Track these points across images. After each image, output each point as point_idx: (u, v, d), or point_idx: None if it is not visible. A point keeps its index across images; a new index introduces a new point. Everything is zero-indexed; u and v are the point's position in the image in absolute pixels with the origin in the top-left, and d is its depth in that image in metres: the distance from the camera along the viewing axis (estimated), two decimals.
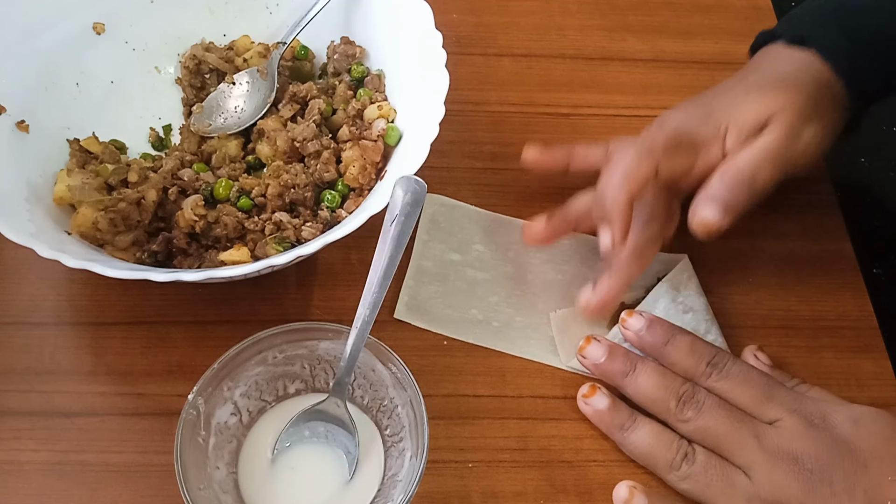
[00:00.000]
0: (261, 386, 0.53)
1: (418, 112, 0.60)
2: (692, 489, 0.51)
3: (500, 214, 0.65)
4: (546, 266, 0.63)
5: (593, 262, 0.62)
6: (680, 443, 0.52)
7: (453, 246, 0.63)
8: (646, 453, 0.53)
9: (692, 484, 0.51)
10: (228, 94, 0.66)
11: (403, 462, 0.51)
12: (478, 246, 0.63)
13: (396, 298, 0.60)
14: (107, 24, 0.65)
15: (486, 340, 0.59)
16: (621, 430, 0.54)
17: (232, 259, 0.57)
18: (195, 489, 0.48)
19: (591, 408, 0.55)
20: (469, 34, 0.75)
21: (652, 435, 0.53)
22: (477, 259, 0.62)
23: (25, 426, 0.55)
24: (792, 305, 0.63)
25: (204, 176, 0.61)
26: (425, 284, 0.61)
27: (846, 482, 0.49)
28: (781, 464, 0.50)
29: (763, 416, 0.52)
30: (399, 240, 0.50)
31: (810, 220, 0.66)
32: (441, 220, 0.63)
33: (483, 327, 0.60)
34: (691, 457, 0.52)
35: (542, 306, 0.61)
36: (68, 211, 0.59)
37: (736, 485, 0.50)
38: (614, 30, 0.77)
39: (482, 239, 0.63)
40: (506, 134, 0.69)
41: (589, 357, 0.56)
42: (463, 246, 0.63)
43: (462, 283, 0.61)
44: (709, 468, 0.51)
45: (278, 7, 0.68)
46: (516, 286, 0.61)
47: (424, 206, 0.61)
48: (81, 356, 0.58)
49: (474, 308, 0.61)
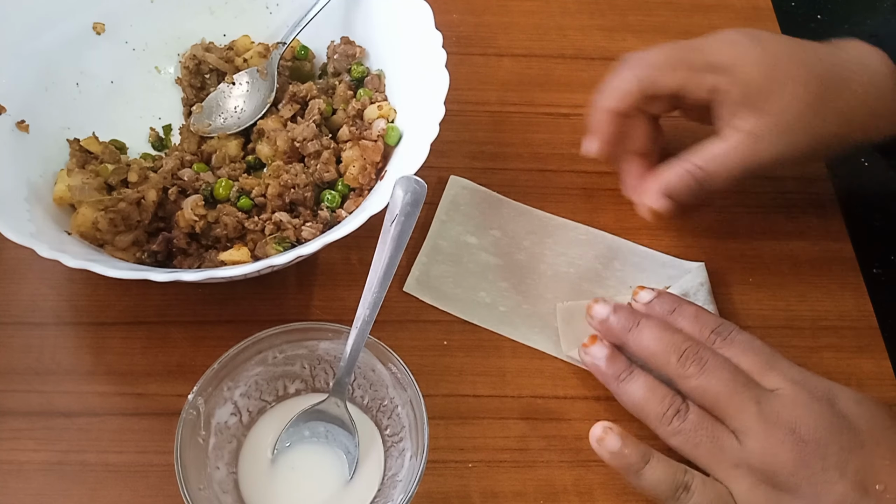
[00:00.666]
0: (261, 386, 0.53)
1: (418, 112, 0.60)
2: (681, 446, 0.51)
3: (522, 203, 0.65)
4: (560, 259, 0.63)
5: (608, 260, 0.62)
6: (674, 398, 0.52)
7: (470, 229, 0.63)
8: (639, 404, 0.53)
9: (682, 441, 0.51)
10: (228, 94, 0.66)
11: (403, 462, 0.51)
12: (495, 231, 0.63)
13: (407, 274, 0.61)
14: (107, 24, 0.65)
15: (491, 323, 0.60)
16: (617, 380, 0.54)
17: (232, 259, 0.57)
18: (195, 489, 0.48)
19: (590, 357, 0.55)
20: (469, 34, 0.75)
21: (647, 387, 0.53)
22: (492, 244, 0.63)
23: (25, 426, 0.55)
24: (792, 305, 0.63)
25: (204, 176, 0.61)
26: (438, 263, 0.61)
27: (839, 458, 0.48)
28: (777, 431, 0.49)
29: (765, 383, 0.51)
30: (399, 240, 0.50)
31: (810, 220, 0.67)
32: (462, 202, 0.64)
33: (489, 310, 0.60)
34: (683, 413, 0.51)
35: (550, 296, 0.61)
36: (68, 211, 0.59)
37: (725, 448, 0.50)
38: (614, 30, 0.76)
39: (500, 225, 0.63)
40: (506, 134, 0.69)
41: (595, 316, 0.56)
42: (480, 230, 0.63)
43: (474, 266, 0.62)
44: (699, 428, 0.50)
45: (278, 7, 0.68)
46: (527, 275, 0.62)
47: (447, 188, 0.62)
48: (81, 356, 0.58)
49: (483, 291, 0.61)
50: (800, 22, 0.80)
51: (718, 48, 0.57)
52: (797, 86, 0.55)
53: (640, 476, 0.50)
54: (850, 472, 0.48)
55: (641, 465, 0.50)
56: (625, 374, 0.54)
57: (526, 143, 0.69)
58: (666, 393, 0.52)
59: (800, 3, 0.82)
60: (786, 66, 0.56)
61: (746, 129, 0.56)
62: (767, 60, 0.55)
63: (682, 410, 0.51)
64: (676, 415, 0.51)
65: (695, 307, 0.56)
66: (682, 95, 0.57)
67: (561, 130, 0.70)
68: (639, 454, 0.51)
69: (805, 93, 0.55)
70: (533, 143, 0.69)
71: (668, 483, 0.50)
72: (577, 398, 0.58)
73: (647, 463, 0.50)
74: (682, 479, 0.50)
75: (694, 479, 0.50)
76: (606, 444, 0.51)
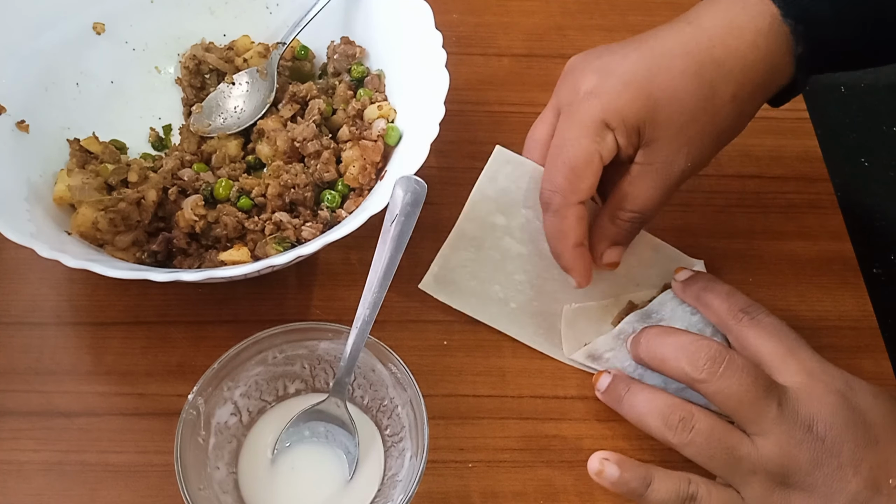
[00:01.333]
0: (261, 386, 0.53)
1: (418, 112, 0.60)
2: (696, 458, 0.50)
3: None
4: None
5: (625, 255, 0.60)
6: (679, 405, 0.51)
7: (502, 206, 0.60)
8: (643, 416, 0.52)
9: (695, 453, 0.50)
10: (228, 95, 0.66)
11: (403, 462, 0.51)
12: (527, 211, 0.60)
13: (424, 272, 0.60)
14: (107, 24, 0.65)
15: (500, 323, 0.60)
16: (619, 402, 0.53)
17: (232, 259, 0.57)
18: (195, 489, 0.48)
19: (597, 392, 0.55)
20: (469, 34, 0.75)
21: (648, 397, 0.52)
22: (519, 227, 0.60)
23: (25, 426, 0.55)
24: (792, 305, 0.63)
25: (204, 176, 0.61)
26: (459, 250, 0.60)
27: (854, 455, 0.48)
28: (795, 432, 0.48)
29: (782, 372, 0.51)
30: (399, 240, 0.50)
31: (810, 220, 0.67)
32: (500, 177, 0.59)
33: (500, 307, 0.60)
34: (688, 420, 0.50)
35: (561, 296, 0.60)
36: (68, 211, 0.59)
37: (741, 458, 0.49)
38: (614, 30, 0.76)
39: (533, 203, 0.59)
40: (506, 134, 0.69)
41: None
42: (512, 207, 0.60)
43: (495, 253, 0.60)
44: (711, 439, 0.49)
45: (278, 7, 0.68)
46: (545, 269, 0.60)
47: (489, 161, 0.59)
48: (81, 356, 0.58)
49: (497, 284, 0.60)
50: None
51: (588, 112, 0.53)
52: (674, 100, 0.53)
53: (646, 499, 0.50)
54: (864, 469, 0.48)
55: (643, 488, 0.50)
56: (623, 390, 0.53)
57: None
58: (669, 401, 0.51)
59: None
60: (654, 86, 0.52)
61: (653, 161, 0.54)
62: (634, 93, 0.52)
63: (687, 417, 0.50)
64: (681, 421, 0.50)
65: (728, 286, 0.56)
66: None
67: None
68: (639, 478, 0.50)
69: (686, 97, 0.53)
70: None
71: (673, 500, 0.50)
72: (577, 398, 0.58)
73: (650, 485, 0.50)
74: (688, 490, 0.50)
75: (699, 489, 0.50)
76: (605, 476, 0.50)
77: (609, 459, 0.50)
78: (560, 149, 0.54)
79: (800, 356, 0.51)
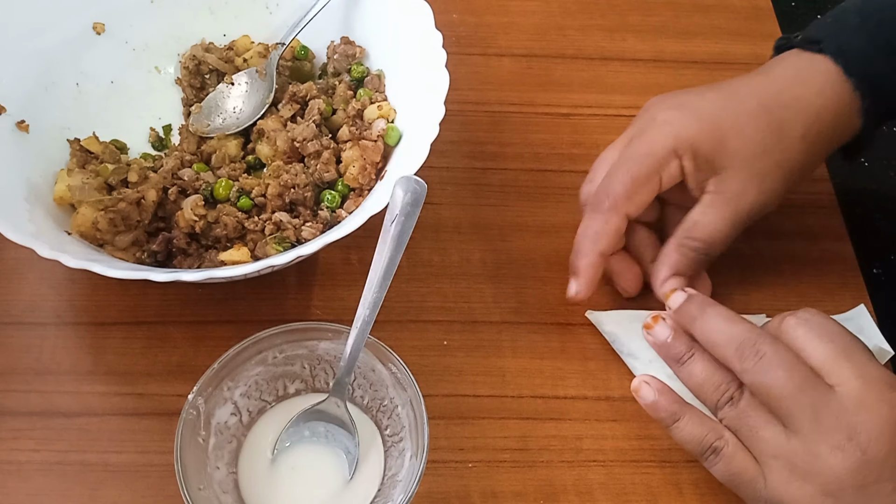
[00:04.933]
0: (261, 386, 0.53)
1: (418, 112, 0.60)
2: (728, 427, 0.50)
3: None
4: None
5: None
6: (729, 384, 0.50)
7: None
8: (696, 388, 0.52)
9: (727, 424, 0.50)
10: (227, 95, 0.66)
11: (403, 462, 0.51)
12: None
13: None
14: (107, 24, 0.65)
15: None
16: (678, 363, 0.52)
17: (232, 259, 0.57)
18: (195, 489, 0.48)
19: (653, 337, 0.54)
20: (469, 34, 0.75)
21: (706, 372, 0.51)
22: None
23: (25, 426, 0.55)
24: (792, 305, 0.61)
25: (204, 176, 0.61)
26: None
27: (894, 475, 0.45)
28: (832, 435, 0.46)
29: (833, 375, 0.48)
30: (399, 240, 0.50)
31: (810, 220, 0.67)
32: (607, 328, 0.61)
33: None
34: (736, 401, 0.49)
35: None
36: (68, 211, 0.59)
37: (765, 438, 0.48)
38: (614, 30, 0.77)
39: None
40: (506, 134, 0.70)
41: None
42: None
43: None
44: (743, 416, 0.49)
45: (278, 7, 0.68)
46: None
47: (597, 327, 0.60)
48: (81, 356, 0.58)
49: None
50: (800, 22, 0.80)
51: (660, 136, 0.56)
52: (744, 132, 0.56)
53: (672, 430, 0.51)
54: None
55: (670, 421, 0.51)
56: (686, 357, 0.52)
57: (526, 143, 0.69)
58: (722, 380, 0.50)
59: (800, 3, 0.82)
60: (724, 120, 0.56)
61: (724, 190, 0.56)
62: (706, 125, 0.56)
63: (736, 398, 0.49)
64: (730, 402, 0.50)
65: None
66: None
67: (561, 130, 0.70)
68: (669, 411, 0.51)
69: (755, 132, 0.56)
70: (533, 143, 0.69)
71: (695, 444, 0.50)
72: (577, 398, 0.58)
73: (678, 420, 0.51)
74: (713, 442, 0.50)
75: (727, 446, 0.49)
76: (641, 395, 0.52)
77: (650, 384, 0.52)
78: (626, 161, 0.57)
79: (854, 357, 0.48)
